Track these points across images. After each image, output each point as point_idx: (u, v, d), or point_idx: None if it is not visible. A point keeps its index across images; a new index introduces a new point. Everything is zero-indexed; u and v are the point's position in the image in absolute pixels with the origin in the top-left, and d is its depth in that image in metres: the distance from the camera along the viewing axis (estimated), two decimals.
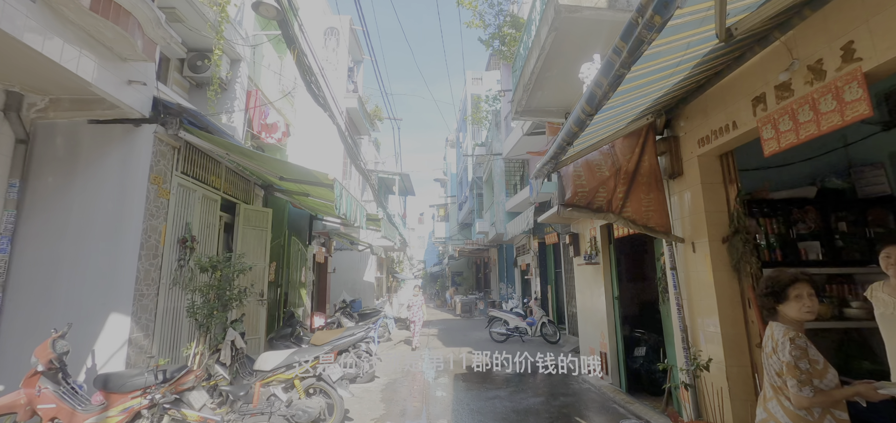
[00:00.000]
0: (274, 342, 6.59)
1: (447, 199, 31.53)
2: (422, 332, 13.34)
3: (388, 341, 11.72)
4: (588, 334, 7.26)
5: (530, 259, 14.71)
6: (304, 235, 11.50)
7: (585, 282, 7.34)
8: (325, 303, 13.16)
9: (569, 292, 11.04)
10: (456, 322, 17.36)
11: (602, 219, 4.20)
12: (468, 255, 24.02)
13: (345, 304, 11.36)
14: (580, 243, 7.56)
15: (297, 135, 11.83)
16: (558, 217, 7.16)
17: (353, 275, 15.38)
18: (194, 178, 5.78)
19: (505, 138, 15.35)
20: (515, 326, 11.30)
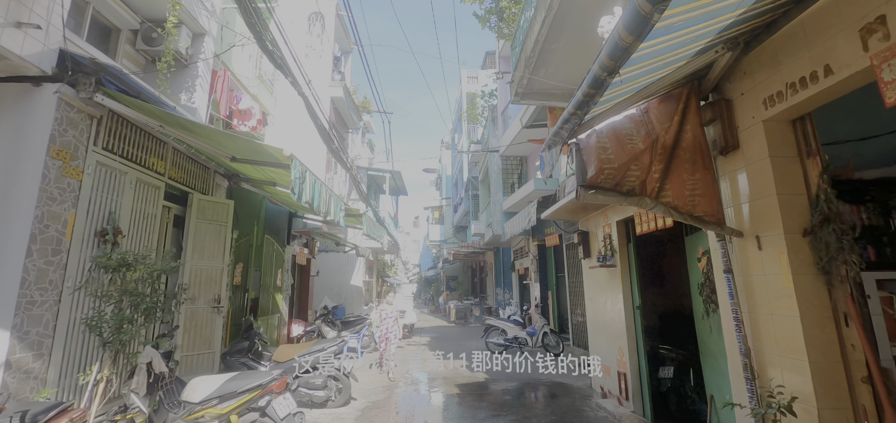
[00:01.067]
0: (227, 359, 5.52)
1: (442, 201, 30.48)
2: (412, 341, 12.24)
3: (375, 350, 10.61)
4: (601, 350, 6.21)
5: (529, 263, 13.68)
6: (281, 234, 10.42)
7: (598, 288, 6.30)
8: (308, 309, 12.06)
9: (573, 298, 10.00)
10: (450, 330, 16.27)
11: (634, 205, 3.17)
12: (463, 258, 22.97)
13: (326, 311, 10.27)
14: (590, 243, 6.53)
15: (276, 126, 10.77)
16: (571, 208, 6.12)
17: (339, 279, 14.29)
18: (124, 157, 4.71)
19: (502, 134, 14.36)
20: (514, 336, 10.24)
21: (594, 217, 6.32)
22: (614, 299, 5.72)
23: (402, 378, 7.85)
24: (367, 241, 14.60)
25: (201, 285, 6.14)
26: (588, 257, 6.59)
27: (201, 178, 6.47)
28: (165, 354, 3.82)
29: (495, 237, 14.71)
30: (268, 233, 9.89)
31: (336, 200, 6.14)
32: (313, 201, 4.79)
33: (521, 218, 8.61)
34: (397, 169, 15.58)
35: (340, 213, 6.46)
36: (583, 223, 6.81)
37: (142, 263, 3.73)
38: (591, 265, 6.16)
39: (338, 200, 6.27)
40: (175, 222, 6.12)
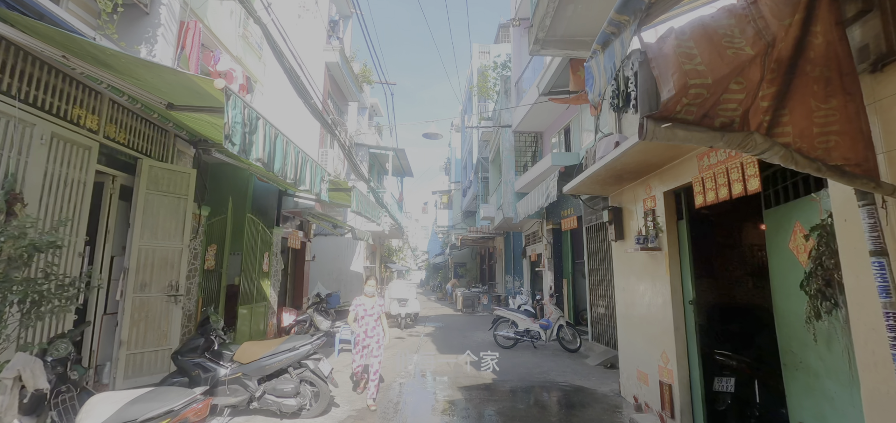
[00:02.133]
0: (178, 359, 4.51)
1: (451, 185, 29.32)
2: (414, 332, 11.11)
3: None
4: (636, 352, 5.07)
5: (542, 248, 12.53)
6: (270, 214, 9.40)
7: (633, 276, 5.14)
8: (302, 297, 11.11)
9: (594, 288, 8.84)
10: (456, 319, 15.25)
11: (731, 146, 2.02)
12: (471, 244, 21.88)
13: (319, 299, 9.28)
14: (625, 222, 5.35)
15: (266, 95, 9.68)
16: (603, 178, 4.94)
17: (337, 264, 13.32)
18: (31, 103, 3.66)
19: (515, 107, 13.10)
20: (526, 329, 9.15)
21: (631, 189, 5.13)
22: (657, 290, 4.55)
23: (398, 377, 6.83)
24: (367, 224, 13.57)
25: (154, 268, 5.13)
26: (621, 239, 5.41)
27: (156, 142, 5.42)
28: (59, 361, 2.79)
29: (506, 221, 13.56)
30: (255, 213, 8.88)
31: (314, 168, 5.05)
32: (270, 160, 3.69)
33: (536, 196, 7.43)
34: (401, 147, 14.45)
35: (322, 185, 5.37)
36: (614, 198, 5.62)
37: (12, 236, 2.67)
38: (627, 249, 4.98)
39: (317, 168, 5.17)
40: (122, 194, 5.10)
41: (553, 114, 11.57)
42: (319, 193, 5.26)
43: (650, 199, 4.68)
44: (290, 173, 4.35)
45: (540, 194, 7.15)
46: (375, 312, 5.71)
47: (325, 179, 5.56)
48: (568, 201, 10.63)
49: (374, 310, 5.72)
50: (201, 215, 6.08)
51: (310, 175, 4.89)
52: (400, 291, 12.44)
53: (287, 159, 4.25)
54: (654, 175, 4.56)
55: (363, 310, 5.70)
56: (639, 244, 4.59)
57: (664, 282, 4.41)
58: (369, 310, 5.69)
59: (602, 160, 4.53)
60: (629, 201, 5.22)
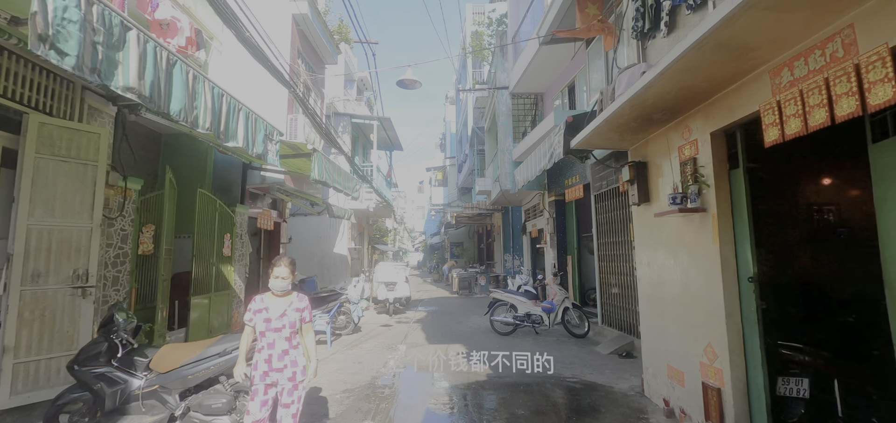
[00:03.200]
0: (76, 371, 3.43)
1: (445, 161, 28.07)
2: (403, 318, 9.91)
3: (356, 331, 8.60)
4: (667, 343, 4.00)
5: (544, 223, 11.44)
6: (233, 191, 8.26)
7: (664, 248, 4.04)
8: None
9: (604, 264, 7.77)
10: (451, 302, 14.28)
11: None
12: (467, 222, 20.79)
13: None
14: (651, 179, 4.23)
15: (227, 54, 8.41)
16: (627, 122, 3.81)
17: (320, 246, 12.23)
18: None
19: (512, 65, 11.82)
20: (526, 312, 8.12)
21: (661, 135, 3.98)
22: (700, 264, 3.46)
23: (378, 373, 5.80)
24: (351, 202, 12.43)
25: (51, 254, 4.02)
26: (645, 201, 4.30)
27: (56, 94, 4.23)
28: None
29: (503, 194, 12.43)
30: (217, 189, 7.75)
31: (251, 120, 3.88)
32: (159, 95, 2.53)
33: (538, 158, 6.29)
34: (387, 116, 13.20)
35: (269, 145, 4.22)
36: (637, 150, 4.49)
37: None
38: (654, 214, 3.85)
39: (257, 121, 4.00)
40: (4, 159, 3.94)
41: (555, 70, 10.33)
42: (263, 154, 4.11)
43: (690, 145, 3.54)
44: (205, 120, 3.19)
45: (542, 155, 6.01)
46: (288, 321, 2.92)
47: (274, 139, 4.40)
48: (573, 168, 9.48)
49: (288, 318, 2.92)
50: (127, 187, 4.93)
51: (244, 129, 3.73)
52: (387, 273, 11.38)
53: (198, 100, 3.09)
54: (698, 111, 3.40)
55: (264, 319, 2.90)
56: (674, 205, 3.47)
57: (711, 253, 3.30)
58: (277, 319, 2.89)
59: (624, 95, 3.37)
60: (658, 153, 4.08)
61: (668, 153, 3.84)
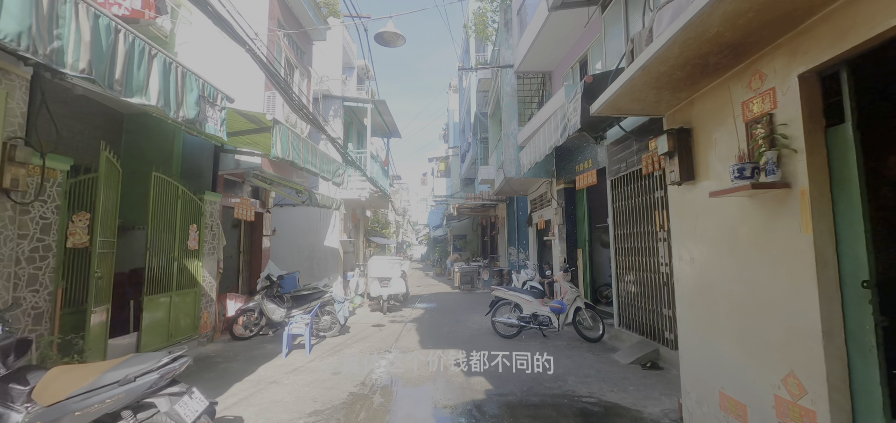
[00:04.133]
0: None
1: (448, 151, 27.09)
2: (398, 317, 8.75)
3: (343, 333, 7.72)
4: (720, 364, 3.05)
5: (552, 214, 10.48)
6: (203, 177, 7.37)
7: (716, 240, 3.08)
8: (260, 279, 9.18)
9: (621, 259, 6.80)
10: (452, 298, 13.38)
11: None
12: (470, 213, 19.84)
13: (270, 282, 7.32)
14: (696, 149, 3.26)
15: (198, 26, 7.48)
16: (670, 72, 2.82)
17: (309, 239, 11.35)
18: None
19: (517, 41, 10.80)
20: (532, 313, 7.18)
21: (718, 88, 2.99)
22: (779, 261, 2.49)
23: (358, 387, 4.90)
24: (343, 192, 11.53)
25: None
26: (689, 179, 3.32)
27: None
28: None
29: (508, 182, 11.46)
30: (186, 174, 6.88)
31: (174, 71, 2.95)
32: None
33: (547, 135, 5.32)
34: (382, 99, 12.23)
35: (208, 108, 3.31)
36: (678, 114, 3.50)
37: None
38: (713, 192, 2.86)
39: (187, 76, 3.07)
40: None
41: (564, 43, 9.30)
42: (196, 120, 3.18)
43: (763, 97, 2.55)
44: (77, 57, 2.26)
45: (552, 131, 5.03)
46: None
47: (217, 103, 3.48)
48: (584, 151, 8.49)
49: None
50: (46, 166, 4.03)
51: (160, 82, 2.79)
52: (381, 269, 10.49)
53: (63, 27, 2.15)
54: (779, 46, 2.42)
55: None
56: (741, 180, 2.50)
57: (798, 246, 2.34)
58: None
59: (674, 25, 2.39)
60: (710, 114, 3.09)
61: (727, 112, 2.86)
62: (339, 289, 7.60)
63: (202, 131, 3.27)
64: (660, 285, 5.61)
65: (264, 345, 6.85)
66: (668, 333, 5.35)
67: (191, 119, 2.99)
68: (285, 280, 7.66)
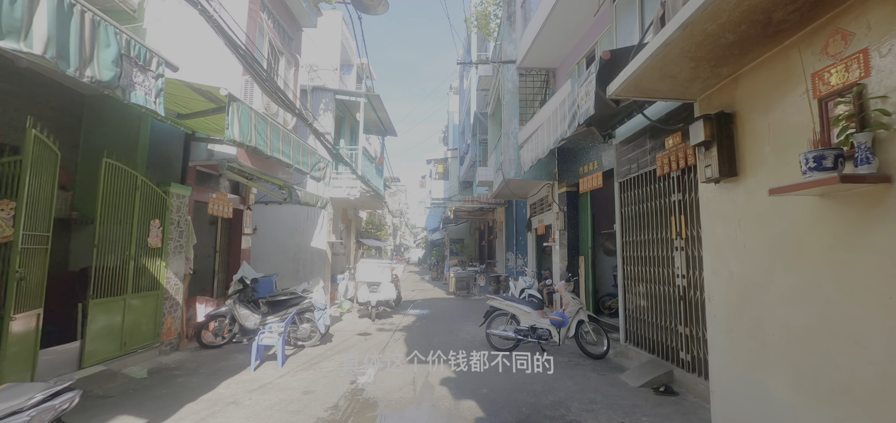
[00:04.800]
0: None
1: (447, 153, 26.48)
2: (387, 325, 7.95)
3: (324, 342, 7.06)
4: (774, 407, 2.40)
5: (552, 218, 9.85)
6: (172, 167, 6.73)
7: (775, 247, 2.44)
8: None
9: (629, 268, 6.16)
10: (446, 304, 12.72)
11: None
12: (467, 216, 19.22)
13: (244, 285, 6.66)
14: (742, 139, 2.65)
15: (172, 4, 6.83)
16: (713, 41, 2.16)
17: (294, 239, 10.69)
18: None
19: (521, 34, 10.21)
20: (531, 325, 6.52)
21: (774, 60, 2.38)
22: (861, 280, 1.87)
23: (329, 411, 4.24)
24: (332, 190, 10.88)
25: None
26: (730, 175, 2.70)
27: None
28: None
29: (506, 184, 10.85)
30: (153, 165, 6.23)
31: (90, 22, 2.31)
32: None
33: (552, 127, 4.69)
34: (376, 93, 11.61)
35: (143, 76, 2.69)
36: (717, 97, 2.89)
37: None
38: (775, 189, 2.22)
39: (111, 31, 2.44)
40: None
41: (571, 37, 8.70)
42: (116, 85, 2.54)
43: (849, 63, 1.93)
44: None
45: (559, 121, 4.41)
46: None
47: (151, 68, 2.84)
48: (589, 152, 7.88)
49: None
50: None
51: (51, 22, 2.14)
52: (370, 272, 9.83)
53: None
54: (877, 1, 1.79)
55: None
56: (818, 172, 1.87)
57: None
58: None
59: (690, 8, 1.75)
60: (762, 91, 2.47)
61: (790, 88, 2.23)
62: (321, 294, 6.93)
63: (122, 97, 2.62)
64: (675, 299, 4.97)
65: (234, 355, 6.19)
66: (685, 353, 4.71)
67: (105, 81, 2.35)
68: (261, 283, 7.00)
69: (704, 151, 2.84)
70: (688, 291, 4.65)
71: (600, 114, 3.99)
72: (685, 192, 4.78)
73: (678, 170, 4.84)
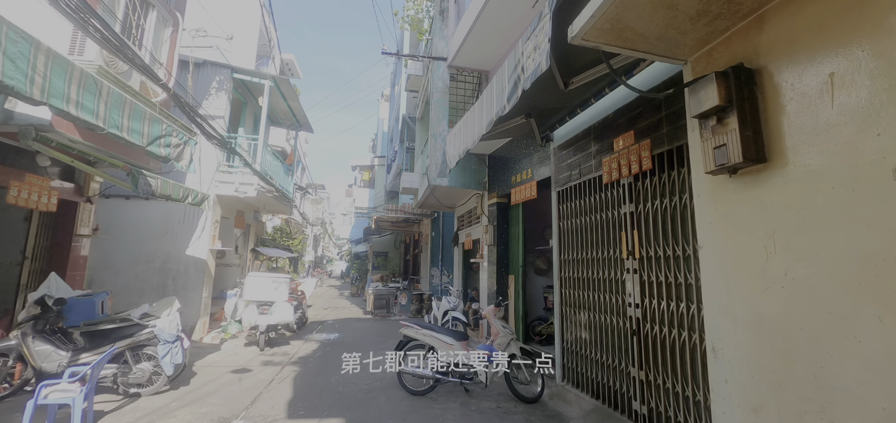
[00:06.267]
0: None
1: (374, 160, 24.85)
2: (278, 356, 5.71)
3: (183, 383, 5.17)
4: None
5: (481, 232, 8.87)
6: None
7: (862, 284, 1.40)
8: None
9: (569, 292, 5.22)
10: (361, 326, 11.10)
11: None
12: (391, 228, 17.76)
13: (43, 308, 4.58)
14: (768, 104, 1.61)
15: None
16: None
17: (162, 245, 8.45)
18: None
19: (454, 28, 9.22)
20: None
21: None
22: None
23: None
24: (221, 186, 8.86)
25: None
26: (756, 159, 1.69)
27: None
28: None
29: (432, 192, 9.70)
30: None
31: None
32: None
33: (487, 103, 3.55)
34: (284, 76, 9.84)
35: None
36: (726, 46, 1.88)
37: None
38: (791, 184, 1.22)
39: None
40: None
41: (507, 35, 7.86)
42: None
43: None
44: None
45: (495, 96, 3.30)
46: None
47: None
48: (522, 160, 7.00)
49: None
50: None
51: None
52: (260, 289, 7.98)
53: None
54: None
55: None
56: None
57: None
58: None
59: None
60: (810, 32, 1.48)
61: (869, 15, 1.26)
62: (171, 321, 5.07)
63: None
64: (625, 333, 4.07)
65: (11, 417, 4.14)
66: (639, 404, 3.77)
67: None
68: (75, 306, 4.95)
69: (713, 127, 1.84)
70: (643, 324, 3.74)
71: (547, 88, 2.93)
72: (639, 202, 3.93)
73: (630, 176, 3.99)
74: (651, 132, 3.62)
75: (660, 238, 3.58)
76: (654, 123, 3.58)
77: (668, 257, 3.47)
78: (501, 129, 4.76)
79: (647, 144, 3.63)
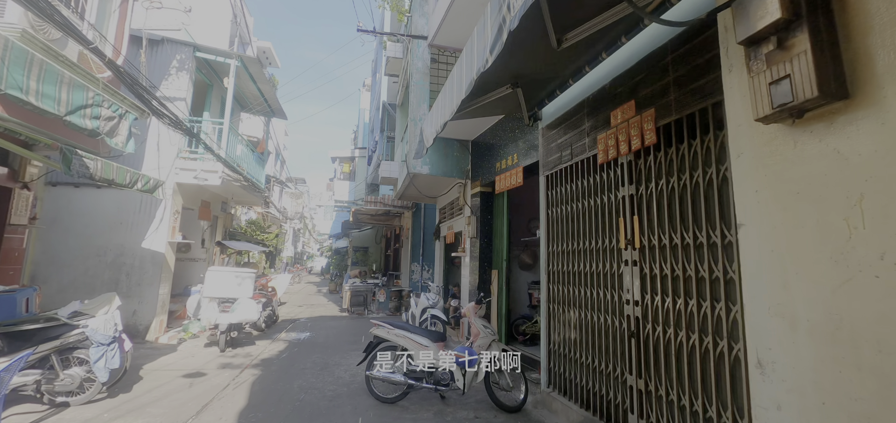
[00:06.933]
0: None
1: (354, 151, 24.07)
2: (240, 358, 4.99)
3: (124, 390, 4.51)
4: None
5: (463, 224, 8.36)
6: None
7: None
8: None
9: (557, 288, 4.73)
10: (335, 325, 10.47)
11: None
12: (371, 221, 17.09)
13: None
14: (855, 19, 1.07)
15: None
16: None
17: (115, 237, 7.67)
18: None
19: (434, 5, 8.63)
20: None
21: None
22: None
23: None
24: (180, 173, 8.11)
25: None
26: (838, 95, 1.15)
27: None
28: None
29: (412, 182, 9.15)
30: None
31: None
32: None
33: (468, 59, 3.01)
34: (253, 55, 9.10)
35: None
36: None
37: None
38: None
39: None
40: None
41: None
42: None
43: None
44: None
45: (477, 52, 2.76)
46: None
47: None
48: (508, 146, 6.49)
49: None
50: None
51: None
52: (221, 285, 7.29)
53: None
54: None
55: None
56: None
57: None
58: None
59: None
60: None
61: None
62: (108, 320, 4.39)
63: None
64: (622, 334, 3.59)
65: None
66: (637, 417, 3.30)
67: None
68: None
69: (768, 55, 1.33)
70: (643, 324, 3.26)
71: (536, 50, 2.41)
72: (640, 183, 3.44)
73: (629, 153, 3.50)
74: (656, 100, 3.13)
75: (665, 224, 3.10)
76: (660, 90, 3.09)
77: (675, 246, 2.99)
78: (484, 101, 4.21)
79: (650, 114, 3.14)
